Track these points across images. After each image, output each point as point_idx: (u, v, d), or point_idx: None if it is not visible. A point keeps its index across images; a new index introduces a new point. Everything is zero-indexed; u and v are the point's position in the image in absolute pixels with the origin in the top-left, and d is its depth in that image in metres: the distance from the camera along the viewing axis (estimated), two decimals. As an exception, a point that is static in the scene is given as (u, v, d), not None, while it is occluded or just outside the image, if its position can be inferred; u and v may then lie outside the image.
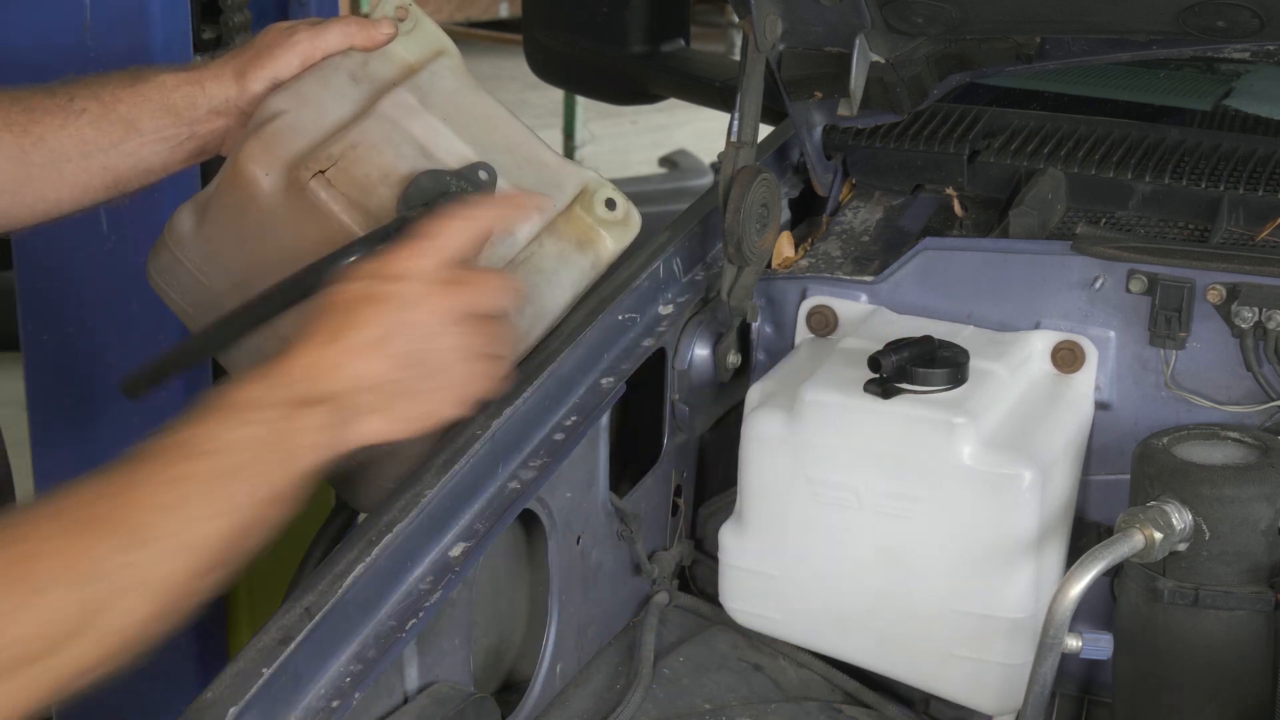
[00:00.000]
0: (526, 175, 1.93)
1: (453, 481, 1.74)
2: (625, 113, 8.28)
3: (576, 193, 1.96)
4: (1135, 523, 1.79)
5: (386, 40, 1.97)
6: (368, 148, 1.87)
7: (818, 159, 2.32)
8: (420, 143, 1.90)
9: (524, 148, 1.96)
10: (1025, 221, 2.09)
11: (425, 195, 1.80)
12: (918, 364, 1.93)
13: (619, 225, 1.97)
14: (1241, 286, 1.96)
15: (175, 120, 1.93)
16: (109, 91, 1.92)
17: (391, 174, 1.85)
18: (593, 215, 1.96)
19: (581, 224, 1.95)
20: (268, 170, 1.86)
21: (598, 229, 1.96)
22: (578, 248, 1.94)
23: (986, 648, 1.94)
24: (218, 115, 1.94)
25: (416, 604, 1.67)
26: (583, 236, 1.95)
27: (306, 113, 1.90)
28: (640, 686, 1.96)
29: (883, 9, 2.08)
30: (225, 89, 1.93)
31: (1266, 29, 1.98)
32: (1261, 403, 1.98)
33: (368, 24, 1.96)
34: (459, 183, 1.83)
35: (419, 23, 2.00)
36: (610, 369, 2.00)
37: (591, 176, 1.98)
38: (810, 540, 1.99)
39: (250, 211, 1.88)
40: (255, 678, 1.50)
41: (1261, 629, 1.83)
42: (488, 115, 1.98)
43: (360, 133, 1.88)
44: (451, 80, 1.98)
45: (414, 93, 1.94)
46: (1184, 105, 2.47)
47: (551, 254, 1.92)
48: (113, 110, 1.91)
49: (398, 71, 1.97)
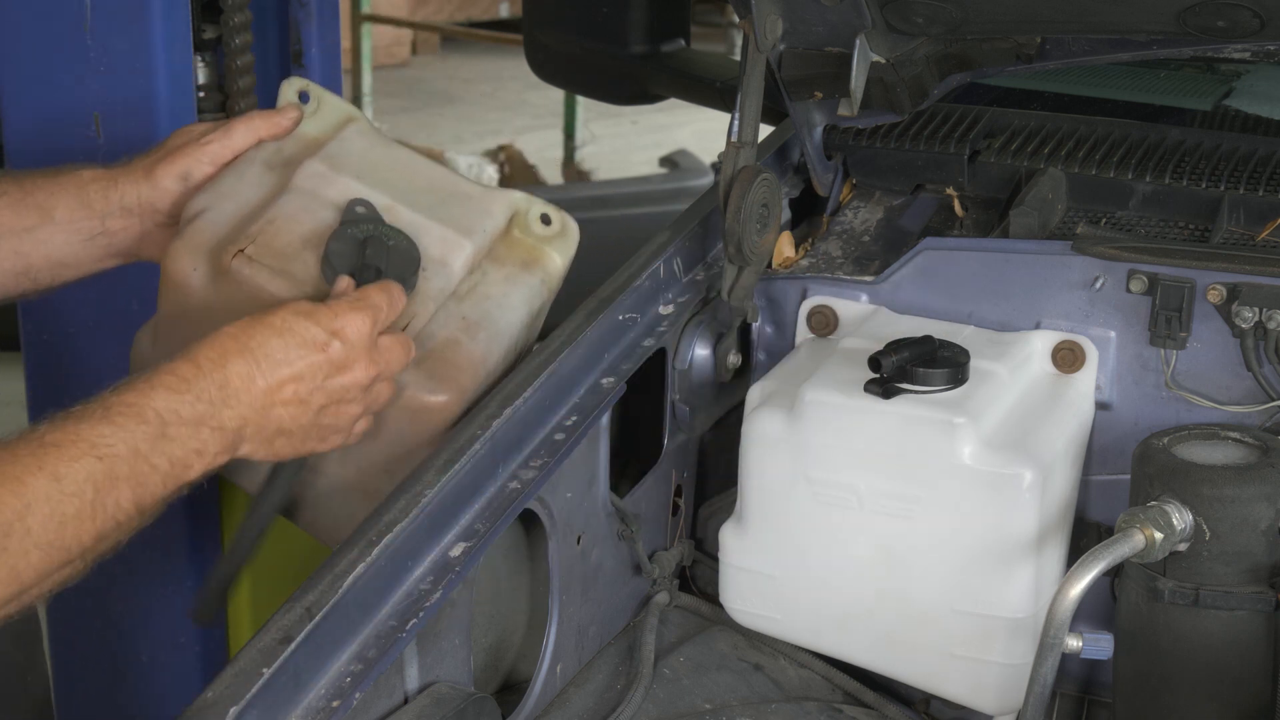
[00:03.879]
0: (452, 209, 1.97)
1: (453, 481, 1.75)
2: (625, 113, 8.28)
3: (508, 216, 1.99)
4: (1136, 523, 1.79)
5: (292, 126, 2.03)
6: (285, 220, 1.93)
7: (818, 159, 2.32)
8: (336, 204, 1.94)
9: (445, 185, 2.01)
10: (1025, 221, 2.09)
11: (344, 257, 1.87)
12: (918, 364, 1.93)
13: (559, 238, 2.01)
14: (1242, 286, 1.96)
15: (88, 213, 1.97)
16: (29, 178, 1.97)
17: (312, 239, 1.91)
18: (531, 235, 2.00)
19: (522, 245, 1.99)
20: (195, 265, 1.92)
21: (540, 246, 2.00)
22: (524, 268, 1.98)
23: (987, 648, 1.94)
24: (129, 213, 1.98)
25: (417, 604, 1.67)
26: (527, 257, 1.99)
27: (225, 206, 1.96)
28: (640, 686, 1.96)
29: (883, 9, 2.08)
30: (136, 186, 1.98)
31: (1266, 29, 1.98)
32: (1262, 403, 1.98)
33: (272, 114, 2.03)
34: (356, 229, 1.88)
35: (322, 100, 2.08)
36: (611, 369, 2.01)
37: (519, 198, 2.01)
38: (810, 540, 1.99)
39: (190, 310, 1.92)
40: (256, 677, 1.50)
41: (1262, 629, 1.83)
42: (403, 163, 2.03)
43: (276, 209, 1.94)
44: (362, 141, 2.04)
45: (325, 161, 1.99)
46: (1184, 105, 2.47)
47: (497, 279, 1.96)
48: (30, 195, 1.95)
49: (309, 150, 2.03)
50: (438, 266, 1.92)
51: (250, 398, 1.64)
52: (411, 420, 1.88)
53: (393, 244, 1.88)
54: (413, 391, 1.87)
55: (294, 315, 1.69)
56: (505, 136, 8.31)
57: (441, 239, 1.94)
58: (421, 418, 1.88)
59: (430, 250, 1.92)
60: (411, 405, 1.87)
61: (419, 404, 1.87)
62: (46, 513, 1.48)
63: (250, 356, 1.65)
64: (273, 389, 1.66)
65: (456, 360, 1.90)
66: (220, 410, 1.62)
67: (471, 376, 1.90)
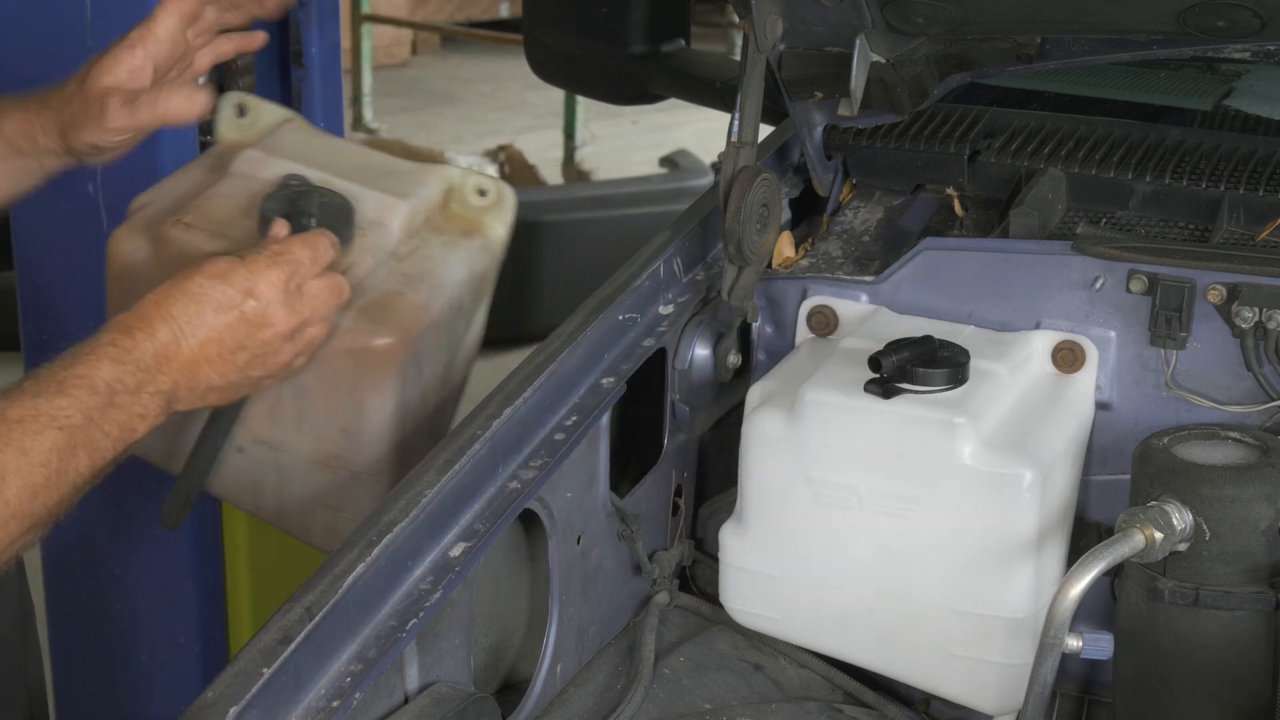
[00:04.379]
0: (387, 184, 2.04)
1: (453, 481, 1.75)
2: (625, 113, 8.28)
3: (444, 189, 2.06)
4: (1136, 523, 1.79)
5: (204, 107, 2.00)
6: (223, 196, 2.01)
7: (818, 159, 2.31)
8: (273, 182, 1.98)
9: (379, 164, 2.08)
10: (1025, 221, 2.09)
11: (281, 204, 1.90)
12: (918, 364, 1.93)
13: (496, 207, 2.08)
14: (1242, 286, 1.96)
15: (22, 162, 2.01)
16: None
17: (250, 208, 1.96)
18: (469, 208, 2.07)
19: (461, 218, 2.06)
20: (136, 246, 2.00)
21: (478, 217, 2.07)
22: (464, 236, 2.05)
23: (987, 648, 1.94)
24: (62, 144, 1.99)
25: (417, 604, 1.67)
26: (466, 227, 2.06)
27: (167, 201, 2.04)
28: (640, 686, 1.96)
29: (883, 9, 2.08)
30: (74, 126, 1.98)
31: (1266, 29, 1.98)
32: (1262, 403, 1.98)
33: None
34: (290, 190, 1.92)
35: (260, 109, 2.15)
36: (611, 369, 2.01)
37: (454, 172, 2.08)
38: (810, 540, 1.99)
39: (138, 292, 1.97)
40: (255, 678, 1.50)
41: (1262, 629, 1.83)
42: (339, 149, 2.11)
43: (214, 189, 2.02)
44: (299, 135, 2.12)
45: (261, 149, 2.07)
46: (1184, 105, 2.47)
47: (437, 244, 2.03)
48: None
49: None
50: (375, 226, 1.99)
51: (179, 363, 1.72)
52: (357, 366, 1.92)
53: (325, 199, 1.92)
54: (355, 337, 1.92)
55: (208, 280, 1.74)
56: (505, 136, 8.31)
57: (378, 203, 2.00)
58: (366, 362, 1.92)
59: (367, 213, 1.98)
60: (355, 350, 1.90)
61: (362, 348, 1.91)
62: (19, 485, 1.56)
63: (174, 324, 1.72)
64: (196, 352, 1.73)
65: (398, 306, 1.95)
66: (156, 377, 1.70)
67: (414, 320, 1.95)
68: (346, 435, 1.96)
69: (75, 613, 2.97)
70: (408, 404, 1.99)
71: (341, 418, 1.96)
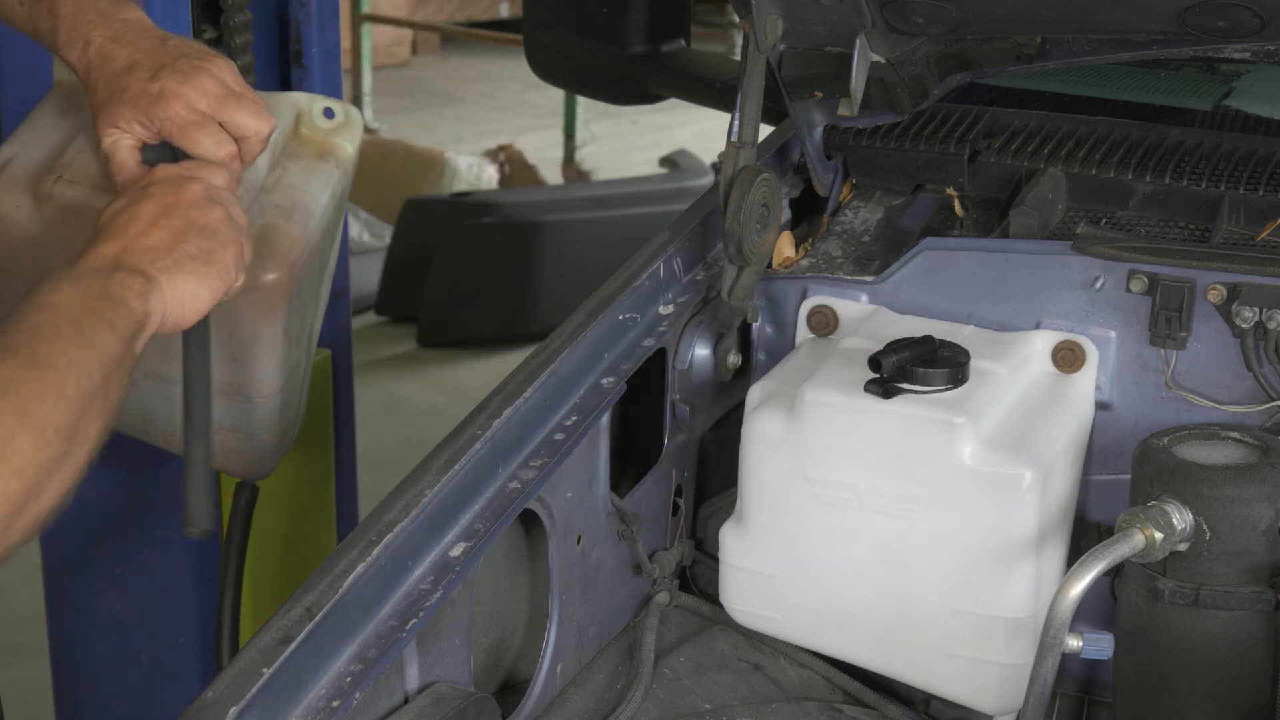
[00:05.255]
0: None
1: (453, 481, 1.75)
2: (625, 113, 8.28)
3: (294, 116, 2.13)
4: (1136, 523, 1.79)
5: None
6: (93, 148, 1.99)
7: (818, 159, 2.31)
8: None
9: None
10: (1026, 221, 2.09)
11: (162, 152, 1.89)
12: (918, 364, 1.93)
13: (345, 128, 2.16)
14: (1242, 286, 1.96)
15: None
16: None
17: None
18: (318, 131, 2.14)
19: (312, 141, 2.13)
20: (17, 203, 2.02)
21: (328, 139, 2.14)
22: (318, 158, 2.12)
23: (987, 648, 1.94)
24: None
25: (417, 604, 1.67)
26: (319, 150, 2.13)
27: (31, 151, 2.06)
28: (640, 686, 1.96)
29: (883, 9, 2.08)
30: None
31: (1266, 29, 1.98)
32: (1262, 403, 1.98)
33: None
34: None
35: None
36: (611, 369, 2.01)
37: (300, 97, 2.16)
38: (810, 540, 1.99)
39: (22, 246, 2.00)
40: (255, 678, 1.50)
41: (1262, 629, 1.83)
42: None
43: (84, 139, 2.03)
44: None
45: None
46: (1184, 105, 2.47)
47: (296, 171, 2.10)
48: None
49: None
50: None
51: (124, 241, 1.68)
52: (250, 303, 1.98)
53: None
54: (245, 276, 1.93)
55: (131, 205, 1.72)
56: (505, 136, 8.31)
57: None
58: (258, 297, 1.99)
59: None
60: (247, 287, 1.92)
61: (253, 284, 1.94)
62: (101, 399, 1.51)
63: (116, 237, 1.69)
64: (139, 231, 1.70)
65: (279, 240, 2.02)
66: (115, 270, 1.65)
67: (299, 252, 2.03)
68: (239, 364, 2.04)
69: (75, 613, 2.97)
70: (293, 329, 2.08)
71: (234, 349, 2.03)
